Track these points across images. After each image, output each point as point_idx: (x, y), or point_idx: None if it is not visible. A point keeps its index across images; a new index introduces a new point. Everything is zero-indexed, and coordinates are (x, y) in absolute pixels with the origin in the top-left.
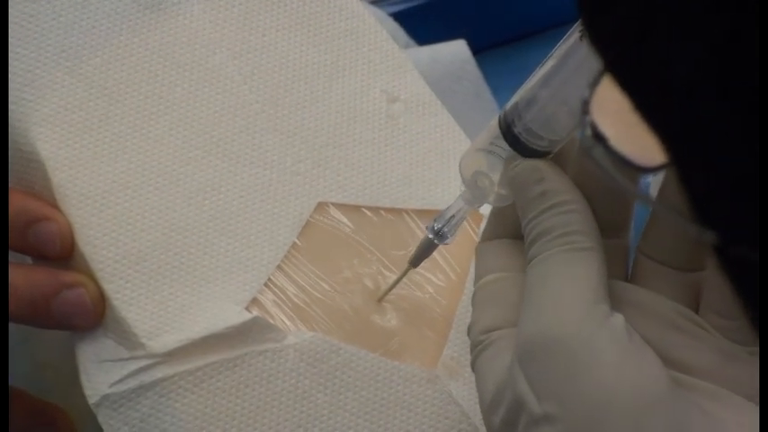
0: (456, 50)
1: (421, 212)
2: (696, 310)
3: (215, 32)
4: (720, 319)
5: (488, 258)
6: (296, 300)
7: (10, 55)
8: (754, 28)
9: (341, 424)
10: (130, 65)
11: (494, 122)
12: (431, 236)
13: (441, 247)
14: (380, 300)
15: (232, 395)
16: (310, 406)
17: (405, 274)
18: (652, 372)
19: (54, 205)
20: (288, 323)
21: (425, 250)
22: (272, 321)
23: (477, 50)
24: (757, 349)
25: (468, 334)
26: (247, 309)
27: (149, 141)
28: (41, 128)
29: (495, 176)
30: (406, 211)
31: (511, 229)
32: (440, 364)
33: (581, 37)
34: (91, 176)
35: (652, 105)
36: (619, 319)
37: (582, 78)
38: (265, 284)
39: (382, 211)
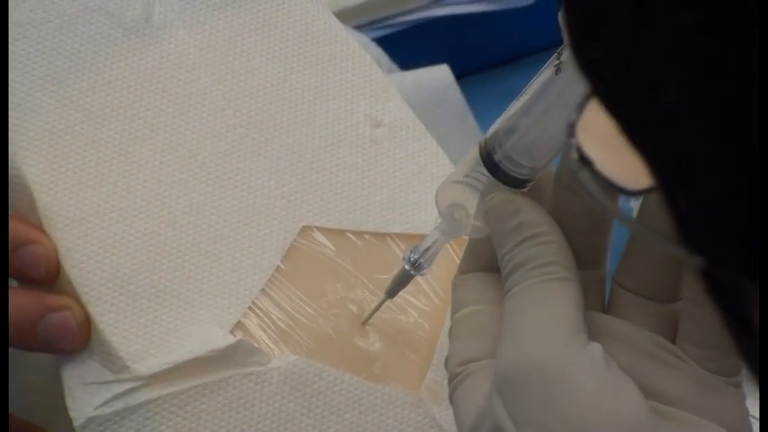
0: (439, 75)
1: (404, 236)
2: (673, 341)
3: (199, 57)
4: (697, 349)
5: (465, 291)
6: (280, 323)
7: None
8: (741, 49)
9: None
10: (116, 89)
11: (470, 155)
12: (407, 267)
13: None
14: (364, 324)
15: (217, 418)
16: (294, 429)
17: (382, 304)
18: (631, 399)
19: (40, 228)
20: (272, 346)
21: (402, 281)
22: (256, 345)
23: (459, 75)
24: (736, 379)
25: (446, 366)
26: (232, 332)
27: (134, 165)
28: (27, 151)
29: (472, 208)
30: (390, 236)
31: (487, 262)
32: (423, 387)
33: (557, 71)
34: (76, 200)
35: (638, 129)
36: (596, 347)
37: (562, 107)
38: (249, 308)
39: (366, 235)
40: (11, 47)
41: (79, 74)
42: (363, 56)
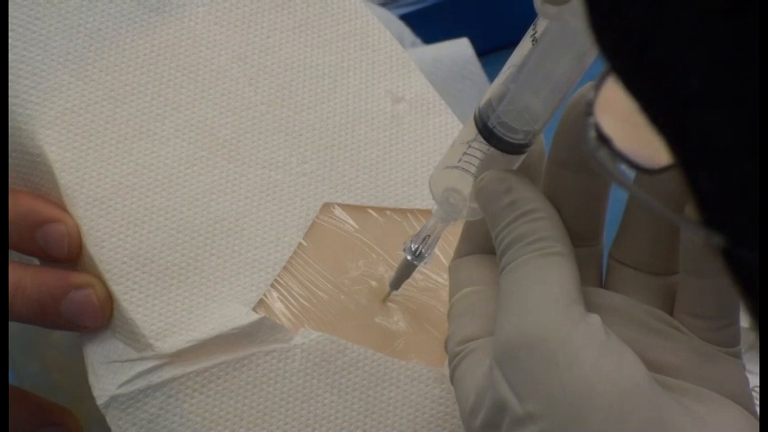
0: (459, 50)
1: (426, 212)
2: (671, 313)
3: (219, 34)
4: (695, 320)
5: (462, 274)
6: (302, 300)
7: (16, 58)
8: (761, 33)
9: (348, 423)
10: (136, 67)
11: (458, 139)
12: (409, 257)
13: (445, 245)
14: (383, 301)
15: (240, 395)
16: (318, 406)
17: (388, 295)
18: (631, 367)
19: (62, 207)
20: (294, 324)
21: (404, 272)
22: (278, 322)
23: (484, 52)
24: (735, 349)
25: (446, 348)
26: (254, 309)
27: (155, 143)
28: (48, 130)
29: (466, 191)
30: (411, 212)
31: (482, 244)
32: (446, 363)
33: (533, 42)
34: (98, 178)
35: (658, 110)
36: (595, 318)
37: (544, 74)
38: (272, 285)
39: (387, 211)
40: (30, 26)
41: (99, 52)
42: (383, 32)
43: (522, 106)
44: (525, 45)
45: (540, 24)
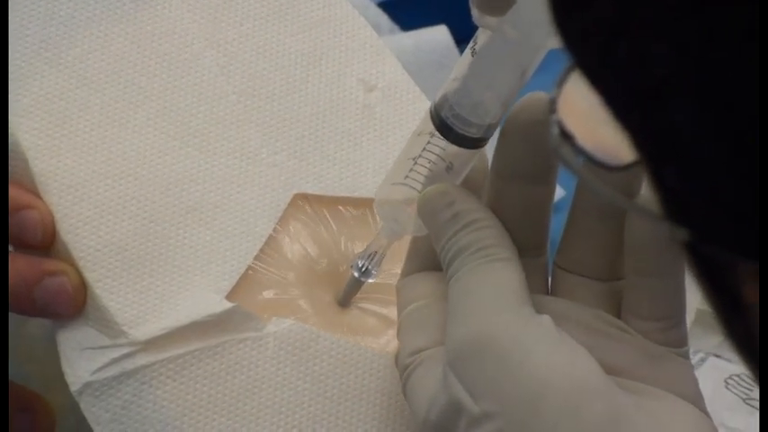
0: (438, 37)
1: None
2: (617, 317)
3: (193, 22)
4: (642, 321)
5: (409, 290)
6: (274, 290)
7: None
8: (727, 27)
9: (322, 411)
10: (110, 54)
11: (404, 155)
12: (356, 274)
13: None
14: (342, 305)
15: (213, 383)
16: (291, 393)
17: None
18: (584, 362)
19: (35, 194)
20: (267, 312)
21: (352, 289)
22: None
23: (463, 39)
24: (683, 350)
25: (396, 363)
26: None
27: (129, 131)
28: (22, 118)
29: (412, 208)
30: None
31: (428, 261)
32: None
33: (473, 53)
34: (72, 166)
35: (623, 104)
36: (546, 317)
37: (504, 64)
38: (243, 274)
39: (357, 203)
40: None
41: (73, 40)
42: (357, 18)
43: (479, 100)
44: (466, 58)
45: (481, 38)
